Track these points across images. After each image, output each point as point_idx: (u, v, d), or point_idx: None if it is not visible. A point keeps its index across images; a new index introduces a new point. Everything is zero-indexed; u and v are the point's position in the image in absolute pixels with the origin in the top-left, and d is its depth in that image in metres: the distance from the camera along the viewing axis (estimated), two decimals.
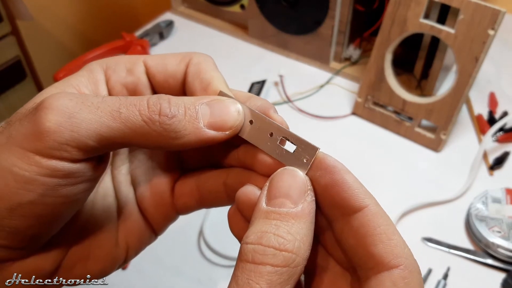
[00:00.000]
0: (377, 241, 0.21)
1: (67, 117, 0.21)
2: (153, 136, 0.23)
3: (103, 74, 0.27)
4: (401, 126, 0.66)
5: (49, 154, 0.21)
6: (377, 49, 0.64)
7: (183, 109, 0.23)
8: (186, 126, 0.23)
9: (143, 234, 0.29)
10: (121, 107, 0.22)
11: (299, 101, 0.72)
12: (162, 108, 0.23)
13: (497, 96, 0.72)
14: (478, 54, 0.57)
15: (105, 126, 0.22)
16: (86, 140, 0.22)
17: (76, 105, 0.22)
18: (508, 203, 0.55)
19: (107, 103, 0.22)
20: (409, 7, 0.59)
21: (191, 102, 0.24)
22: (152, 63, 0.28)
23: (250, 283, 0.20)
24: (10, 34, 0.87)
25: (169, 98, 0.23)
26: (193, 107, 0.24)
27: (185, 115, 0.23)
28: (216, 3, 0.84)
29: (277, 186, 0.23)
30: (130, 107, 0.22)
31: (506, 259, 0.52)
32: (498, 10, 0.55)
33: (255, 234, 0.21)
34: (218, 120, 0.24)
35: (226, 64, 0.79)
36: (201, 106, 0.24)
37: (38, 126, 0.21)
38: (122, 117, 0.22)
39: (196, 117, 0.24)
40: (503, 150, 0.64)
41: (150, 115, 0.22)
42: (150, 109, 0.23)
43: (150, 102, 0.23)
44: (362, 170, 0.63)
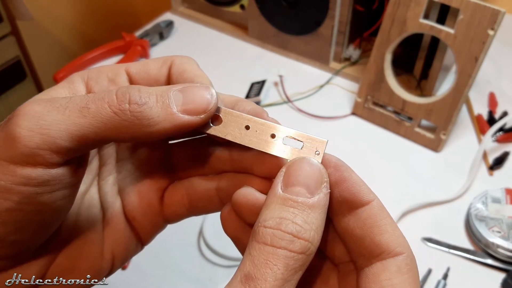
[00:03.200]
0: (383, 231, 0.23)
1: (36, 121, 0.21)
2: (125, 126, 0.22)
3: (84, 85, 0.26)
4: (401, 126, 0.66)
5: (23, 161, 0.21)
6: (377, 49, 0.64)
7: (154, 96, 0.23)
8: (158, 112, 0.23)
9: (129, 244, 0.29)
10: (89, 103, 0.22)
11: (299, 101, 0.72)
12: (131, 96, 0.22)
13: (496, 96, 0.72)
14: (477, 54, 0.57)
15: (75, 124, 0.22)
16: (58, 141, 0.21)
17: (44, 108, 0.22)
18: (508, 203, 0.55)
19: (75, 102, 0.22)
20: (409, 7, 0.59)
21: (163, 90, 0.24)
22: (134, 70, 0.27)
23: (268, 263, 0.21)
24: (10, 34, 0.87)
25: (139, 87, 0.23)
26: (165, 94, 0.23)
27: (157, 102, 0.23)
28: (216, 3, 0.84)
29: (294, 174, 0.23)
30: (98, 101, 0.22)
31: (506, 259, 0.52)
32: (497, 10, 0.55)
33: (274, 219, 0.22)
34: (191, 104, 0.24)
35: (226, 64, 0.79)
36: (173, 93, 0.24)
37: (9, 133, 0.21)
38: (91, 112, 0.22)
39: (168, 103, 0.23)
40: (503, 150, 0.64)
41: (120, 105, 0.22)
42: (119, 99, 0.22)
43: (118, 93, 0.23)
44: (362, 170, 0.63)
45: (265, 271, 0.21)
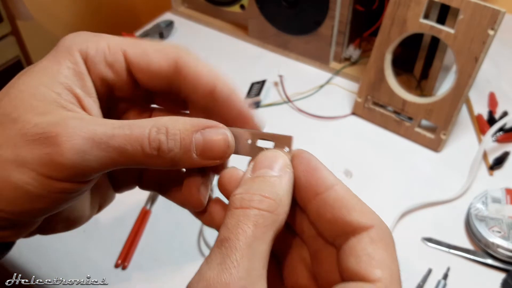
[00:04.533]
0: (351, 210, 0.25)
1: (81, 155, 0.24)
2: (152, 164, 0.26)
3: (84, 65, 0.28)
4: (401, 126, 0.66)
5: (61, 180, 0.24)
6: (377, 49, 0.64)
7: (179, 142, 0.26)
8: (181, 157, 0.26)
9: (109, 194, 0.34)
10: (128, 145, 0.25)
11: (299, 101, 0.72)
12: (161, 144, 0.25)
13: (497, 96, 0.72)
14: (477, 54, 0.57)
15: (113, 160, 0.25)
16: (94, 172, 0.25)
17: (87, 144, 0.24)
18: (508, 203, 0.55)
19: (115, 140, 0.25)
20: (409, 7, 0.59)
21: (186, 131, 0.26)
22: (133, 57, 0.29)
23: (240, 224, 0.23)
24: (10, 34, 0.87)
25: (167, 130, 0.25)
26: (188, 138, 0.26)
27: (181, 148, 0.26)
28: (216, 3, 0.84)
29: (260, 161, 0.26)
30: (135, 143, 0.25)
31: (506, 259, 0.52)
32: (498, 10, 0.55)
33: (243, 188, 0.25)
34: (210, 152, 0.26)
35: (226, 64, 0.79)
36: (195, 136, 0.26)
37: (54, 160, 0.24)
38: (128, 153, 0.25)
39: (190, 149, 0.26)
40: (503, 150, 0.64)
41: (151, 152, 0.25)
42: (151, 146, 0.25)
43: (151, 137, 0.25)
44: (362, 170, 0.63)
45: (237, 231, 0.23)
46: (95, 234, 0.56)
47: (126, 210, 0.58)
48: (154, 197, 0.59)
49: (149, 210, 0.58)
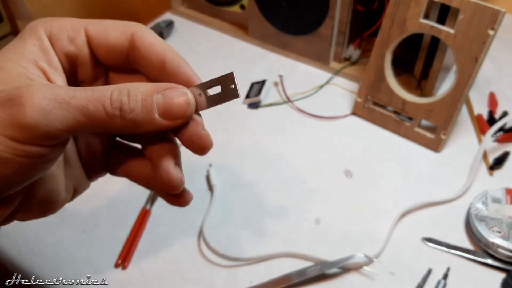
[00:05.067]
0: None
1: (43, 115, 0.25)
2: (116, 126, 0.27)
3: (49, 42, 0.30)
4: (401, 126, 0.66)
5: (25, 142, 0.25)
6: (377, 49, 0.64)
7: (140, 102, 0.27)
8: (143, 117, 0.27)
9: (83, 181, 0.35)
10: (89, 104, 0.26)
11: (299, 101, 0.72)
12: (123, 104, 0.26)
13: (497, 96, 0.72)
14: (478, 54, 0.57)
15: (76, 121, 0.26)
16: (58, 133, 0.25)
17: (50, 103, 0.25)
18: (508, 203, 0.55)
19: (77, 99, 0.26)
20: (409, 7, 0.59)
21: (148, 92, 0.27)
22: (93, 32, 0.31)
23: None
24: (10, 34, 0.87)
25: (128, 91, 0.27)
26: (149, 98, 0.27)
27: (142, 108, 0.27)
28: (216, 3, 0.84)
29: None
30: (97, 103, 0.26)
31: (506, 259, 0.52)
32: (498, 10, 0.55)
33: None
34: (171, 111, 0.28)
35: (226, 64, 0.79)
36: (156, 97, 0.27)
37: (17, 120, 0.24)
38: (90, 113, 0.26)
39: (151, 109, 0.27)
40: (503, 150, 0.64)
41: (113, 112, 0.26)
42: (112, 106, 0.26)
43: (112, 97, 0.26)
44: (362, 170, 0.63)
45: None
46: (95, 234, 0.56)
47: (126, 210, 0.58)
48: (154, 197, 0.59)
49: (149, 210, 0.58)
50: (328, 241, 0.55)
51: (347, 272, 0.52)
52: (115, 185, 0.60)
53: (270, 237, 0.56)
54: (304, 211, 0.58)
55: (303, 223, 0.57)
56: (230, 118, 0.70)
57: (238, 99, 0.72)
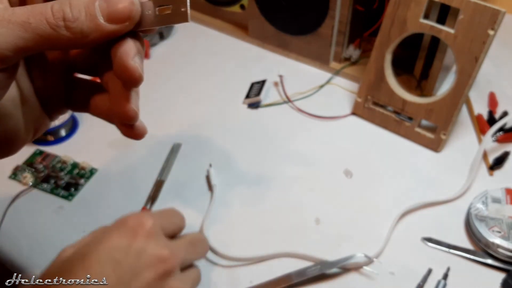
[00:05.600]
0: None
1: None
2: (63, 39, 0.26)
3: None
4: (401, 126, 0.66)
5: None
6: (377, 49, 0.64)
7: (83, 9, 0.26)
8: (88, 25, 0.26)
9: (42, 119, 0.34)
10: (30, 18, 0.25)
11: (299, 101, 0.72)
12: (65, 13, 0.26)
13: (497, 96, 0.72)
14: (478, 54, 0.57)
15: (19, 37, 0.25)
16: (4, 52, 0.24)
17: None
18: (508, 203, 0.55)
19: (16, 15, 0.25)
20: (409, 7, 0.59)
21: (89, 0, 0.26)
22: None
23: None
24: None
25: (70, 2, 0.26)
26: (91, 5, 0.26)
27: (86, 15, 0.26)
28: (216, 3, 0.84)
29: None
30: (38, 16, 0.25)
31: (506, 259, 0.52)
32: (498, 10, 0.55)
33: None
34: (115, 14, 0.27)
35: (226, 64, 0.79)
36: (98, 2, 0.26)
37: None
38: (33, 27, 0.25)
39: (95, 14, 0.26)
40: (503, 150, 0.64)
41: (56, 22, 0.25)
42: (55, 16, 0.25)
43: (54, 9, 0.26)
44: (362, 170, 0.63)
45: None
46: None
47: (126, 209, 0.58)
48: (154, 197, 0.59)
49: (149, 210, 0.58)
50: (328, 241, 0.55)
51: (347, 272, 0.52)
52: (115, 184, 0.60)
53: (270, 237, 0.56)
54: (304, 211, 0.58)
55: (303, 223, 0.57)
56: (230, 118, 0.70)
57: (238, 100, 0.72)
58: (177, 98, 0.73)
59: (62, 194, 0.59)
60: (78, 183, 0.60)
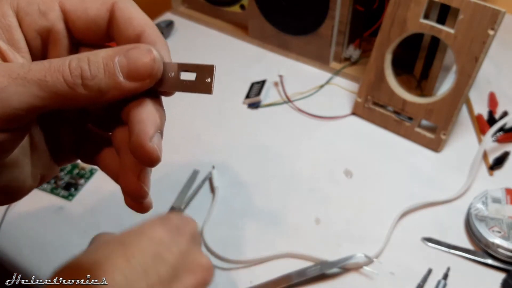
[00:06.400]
0: None
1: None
2: (79, 97, 0.24)
3: (15, 17, 0.26)
4: (401, 126, 0.66)
5: None
6: (377, 49, 0.64)
7: (102, 67, 0.24)
8: (107, 82, 0.24)
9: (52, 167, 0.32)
10: (47, 75, 0.23)
11: (299, 101, 0.72)
12: (83, 71, 0.24)
13: (497, 96, 0.72)
14: (478, 54, 0.57)
15: (34, 96, 0.23)
16: (16, 112, 0.23)
17: (3, 80, 0.23)
18: (508, 203, 0.55)
19: (33, 73, 0.23)
20: (409, 7, 0.59)
21: (109, 56, 0.25)
22: (69, 6, 0.27)
23: None
24: None
25: (88, 58, 0.24)
26: (110, 62, 0.25)
27: (105, 72, 0.24)
28: (216, 4, 0.84)
29: None
30: (55, 73, 0.23)
31: (506, 259, 0.52)
32: (498, 10, 0.55)
33: None
34: (136, 71, 0.25)
35: (226, 64, 0.79)
36: (118, 59, 0.25)
37: None
38: (49, 86, 0.23)
39: (114, 72, 0.24)
40: (503, 150, 0.64)
41: (74, 80, 0.24)
42: (72, 74, 0.24)
43: (71, 66, 0.24)
44: (362, 170, 0.63)
45: None
46: None
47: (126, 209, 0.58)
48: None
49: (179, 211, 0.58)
50: (328, 241, 0.55)
51: (347, 272, 0.52)
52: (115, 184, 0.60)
53: (271, 238, 0.56)
54: (304, 211, 0.58)
55: (303, 223, 0.57)
56: (230, 118, 0.70)
57: (239, 100, 0.72)
58: (176, 98, 0.73)
59: (62, 194, 0.59)
60: (78, 183, 0.60)
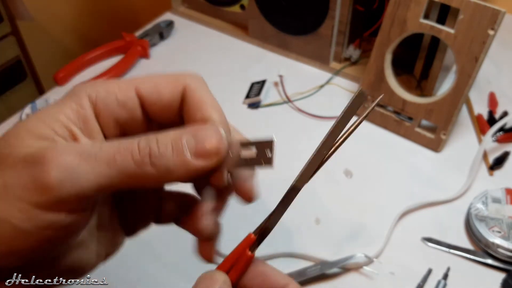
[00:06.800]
0: None
1: (68, 173, 0.22)
2: (147, 176, 0.24)
3: (92, 109, 0.27)
4: (401, 126, 0.66)
5: (49, 207, 0.23)
6: (377, 49, 0.64)
7: (170, 146, 0.25)
8: (175, 161, 0.25)
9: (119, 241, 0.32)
10: (116, 155, 0.24)
11: (299, 101, 0.72)
12: (152, 150, 0.24)
13: (497, 96, 0.72)
14: (478, 54, 0.57)
15: (102, 175, 0.23)
16: (86, 192, 0.23)
17: (74, 160, 0.23)
18: (508, 203, 0.55)
19: (103, 152, 0.24)
20: (409, 7, 0.59)
21: (177, 136, 0.25)
22: (145, 92, 0.28)
23: None
24: (10, 34, 0.87)
25: (157, 138, 0.25)
26: (179, 141, 0.25)
27: (173, 151, 0.25)
28: (216, 3, 0.84)
29: None
30: (124, 152, 0.24)
31: (506, 259, 0.52)
32: (498, 10, 0.55)
33: None
34: (203, 149, 0.25)
35: (226, 64, 0.79)
36: (186, 138, 0.25)
37: (40, 181, 0.22)
38: (118, 165, 0.24)
39: (182, 151, 0.25)
40: (503, 150, 0.64)
41: (142, 159, 0.24)
42: (141, 153, 0.24)
43: (140, 146, 0.24)
44: (362, 170, 0.63)
45: None
46: None
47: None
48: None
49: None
50: (328, 241, 0.55)
51: (347, 272, 0.52)
52: None
53: (270, 237, 0.55)
54: (304, 211, 0.58)
55: (303, 223, 0.57)
56: (230, 118, 0.70)
57: (239, 100, 0.72)
58: None
59: None
60: None
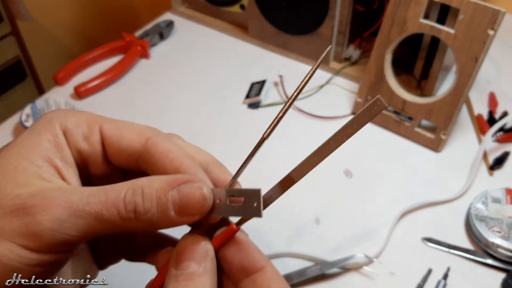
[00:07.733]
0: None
1: (58, 224, 0.24)
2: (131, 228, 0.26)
3: (64, 137, 0.29)
4: (401, 126, 0.66)
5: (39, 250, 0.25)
6: (377, 49, 0.64)
7: (155, 201, 0.26)
8: (159, 217, 0.26)
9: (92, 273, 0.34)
10: (103, 209, 0.25)
11: (299, 101, 0.72)
12: (137, 205, 0.25)
13: (497, 96, 0.72)
14: (478, 54, 0.57)
15: (91, 227, 0.25)
16: (73, 239, 0.25)
17: (65, 211, 0.25)
18: (508, 203, 0.55)
19: (91, 206, 0.25)
20: (409, 7, 0.59)
21: (163, 189, 0.26)
22: (107, 131, 0.30)
23: None
24: (10, 34, 0.88)
25: (142, 191, 0.26)
26: (164, 197, 0.26)
27: (157, 207, 0.26)
28: (216, 3, 0.84)
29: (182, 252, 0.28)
30: (111, 208, 0.25)
31: (506, 259, 0.52)
32: (498, 10, 0.55)
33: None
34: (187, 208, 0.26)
35: (226, 64, 0.79)
36: (171, 194, 0.26)
37: (33, 229, 0.24)
38: (105, 219, 0.25)
39: (167, 207, 0.26)
40: (503, 150, 0.64)
41: (127, 215, 0.25)
42: (126, 209, 0.25)
43: (126, 200, 0.26)
44: (362, 170, 0.63)
45: None
46: None
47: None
48: None
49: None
50: (328, 241, 0.55)
51: (347, 272, 0.52)
52: None
53: (270, 237, 0.56)
54: (304, 211, 0.58)
55: (303, 223, 0.57)
56: (230, 118, 0.70)
57: (239, 100, 0.72)
58: (177, 98, 0.73)
59: None
60: None
